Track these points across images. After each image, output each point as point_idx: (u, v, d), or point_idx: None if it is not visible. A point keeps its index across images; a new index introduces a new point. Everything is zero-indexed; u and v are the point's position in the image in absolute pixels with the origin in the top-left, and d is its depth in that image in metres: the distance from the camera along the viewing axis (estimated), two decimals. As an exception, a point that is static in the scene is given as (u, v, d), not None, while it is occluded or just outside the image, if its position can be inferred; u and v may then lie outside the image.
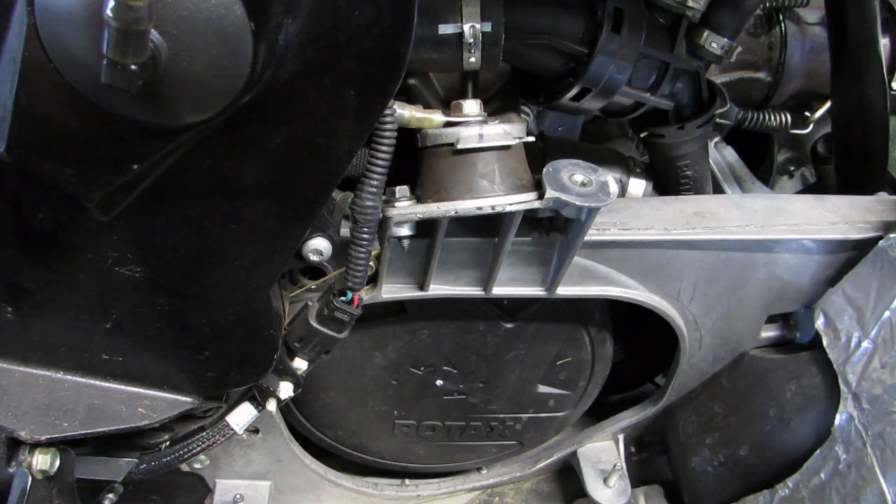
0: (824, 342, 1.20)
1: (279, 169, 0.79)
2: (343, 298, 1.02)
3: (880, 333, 1.13)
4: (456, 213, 0.97)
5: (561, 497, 1.66)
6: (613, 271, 1.18)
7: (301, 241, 0.97)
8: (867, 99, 1.34)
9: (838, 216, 1.21)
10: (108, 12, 0.50)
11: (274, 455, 1.40)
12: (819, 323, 1.22)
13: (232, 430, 1.11)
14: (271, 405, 1.10)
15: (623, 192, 1.32)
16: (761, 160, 1.82)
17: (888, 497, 1.09)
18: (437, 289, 1.13)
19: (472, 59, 1.00)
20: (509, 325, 1.29)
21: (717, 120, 1.49)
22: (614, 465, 1.50)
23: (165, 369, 0.98)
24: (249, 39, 0.61)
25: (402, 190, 0.99)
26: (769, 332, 1.37)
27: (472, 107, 1.01)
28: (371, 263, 1.01)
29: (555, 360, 1.36)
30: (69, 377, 0.96)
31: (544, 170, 0.98)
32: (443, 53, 1.00)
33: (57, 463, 1.01)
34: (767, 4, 1.57)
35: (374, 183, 0.90)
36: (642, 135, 1.31)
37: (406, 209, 0.97)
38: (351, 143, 0.78)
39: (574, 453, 1.57)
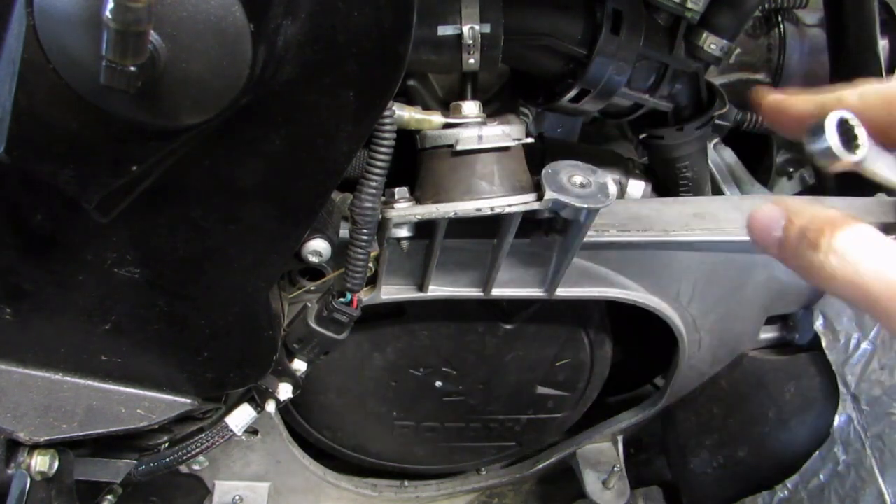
0: (823, 343, 1.20)
1: (278, 170, 0.79)
2: (342, 300, 1.02)
3: (879, 335, 1.13)
4: (455, 214, 0.97)
5: (560, 498, 1.66)
6: (612, 272, 1.18)
7: (300, 243, 0.97)
8: (866, 100, 1.33)
9: (837, 217, 1.21)
10: (108, 13, 0.50)
11: (273, 456, 1.40)
12: (818, 324, 1.22)
13: (231, 431, 1.11)
14: (270, 406, 1.10)
15: (622, 193, 1.32)
16: (760, 161, 1.82)
17: (887, 498, 1.09)
18: (437, 290, 1.13)
19: (472, 61, 1.00)
20: (508, 327, 1.29)
21: (716, 121, 1.49)
22: (613, 467, 1.50)
23: (165, 371, 0.98)
24: (249, 41, 0.61)
25: (401, 191, 0.99)
26: (768, 334, 1.37)
27: (471, 108, 1.01)
28: (370, 265, 1.01)
29: (554, 362, 1.36)
30: (68, 378, 0.96)
31: (543, 171, 0.97)
32: (442, 55, 1.00)
33: (56, 464, 1.00)
34: (766, 6, 1.57)
35: (374, 184, 0.90)
36: (641, 136, 1.31)
37: (405, 210, 0.97)
38: (350, 145, 0.78)
39: (573, 454, 1.57)
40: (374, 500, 1.57)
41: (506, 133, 1.00)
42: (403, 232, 1.01)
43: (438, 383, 1.36)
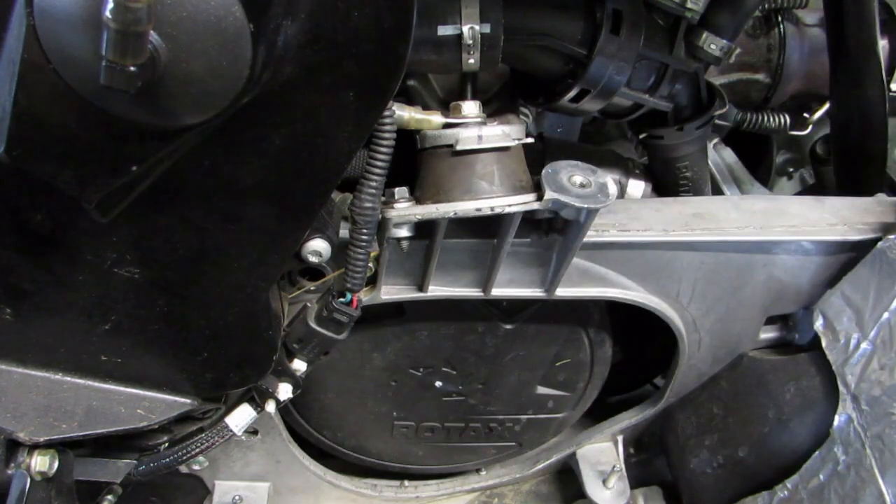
0: (823, 343, 1.20)
1: (278, 170, 0.79)
2: (342, 300, 1.02)
3: (879, 335, 1.13)
4: (455, 214, 0.97)
5: (560, 498, 1.66)
6: (612, 272, 1.18)
7: (300, 243, 0.97)
8: (866, 100, 1.34)
9: (837, 217, 1.21)
10: (108, 13, 0.50)
11: (273, 456, 1.40)
12: (818, 324, 1.22)
13: (231, 431, 1.11)
14: (270, 406, 1.10)
15: (622, 193, 1.32)
16: (760, 161, 1.83)
17: (887, 498, 1.09)
18: (436, 290, 1.13)
19: (471, 61, 1.00)
20: (508, 327, 1.29)
21: (716, 121, 1.49)
22: (613, 467, 1.50)
23: (164, 371, 0.98)
24: (248, 41, 0.61)
25: (401, 191, 0.99)
26: (768, 334, 1.37)
27: (471, 108, 1.01)
28: (370, 265, 1.01)
29: (554, 362, 1.36)
30: (68, 379, 0.96)
31: (543, 171, 0.98)
32: (442, 55, 1.00)
33: (56, 464, 1.00)
34: (766, 6, 1.57)
35: (374, 184, 0.90)
36: (641, 136, 1.31)
37: (405, 210, 0.97)
38: (350, 145, 0.78)
39: (573, 454, 1.57)
40: (374, 500, 1.57)
41: (506, 133, 1.00)
42: (403, 232, 1.01)
43: (438, 383, 1.36)
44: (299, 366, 1.08)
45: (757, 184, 1.55)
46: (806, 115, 1.67)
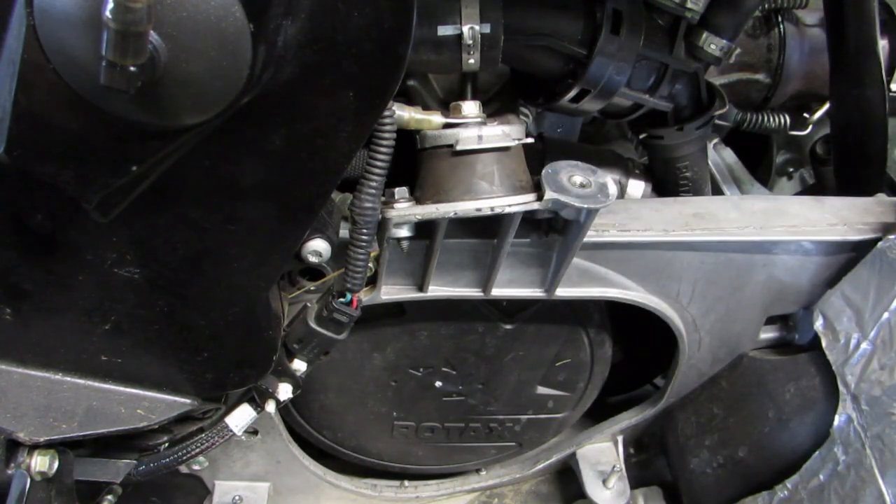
0: (823, 343, 1.20)
1: (278, 170, 0.79)
2: (342, 300, 1.02)
3: (879, 335, 1.13)
4: (455, 214, 0.97)
5: (560, 498, 1.66)
6: (612, 272, 1.18)
7: (300, 243, 0.97)
8: (866, 100, 1.34)
9: (837, 218, 1.21)
10: (108, 14, 0.50)
11: (273, 456, 1.40)
12: (818, 324, 1.22)
13: (231, 431, 1.11)
14: (270, 406, 1.10)
15: (622, 193, 1.32)
16: (760, 161, 1.83)
17: (887, 498, 1.09)
18: (437, 290, 1.13)
19: (471, 61, 1.00)
20: (508, 327, 1.29)
21: (716, 121, 1.49)
22: (613, 467, 1.50)
23: (164, 371, 0.98)
24: (248, 41, 0.61)
25: (401, 191, 0.99)
26: (768, 334, 1.37)
27: (471, 108, 1.01)
28: (370, 265, 1.01)
29: (554, 362, 1.36)
30: (68, 379, 0.96)
31: (543, 171, 0.98)
32: (442, 55, 1.00)
33: (56, 464, 1.01)
34: (766, 6, 1.57)
35: (374, 184, 0.90)
36: (641, 136, 1.31)
37: (405, 210, 0.97)
38: (350, 145, 0.78)
39: (573, 455, 1.57)
40: (374, 500, 1.57)
41: (506, 133, 1.00)
42: (403, 232, 1.01)
43: (438, 383, 1.36)
44: (299, 366, 1.08)
45: (757, 184, 1.55)
46: (806, 115, 1.67)
